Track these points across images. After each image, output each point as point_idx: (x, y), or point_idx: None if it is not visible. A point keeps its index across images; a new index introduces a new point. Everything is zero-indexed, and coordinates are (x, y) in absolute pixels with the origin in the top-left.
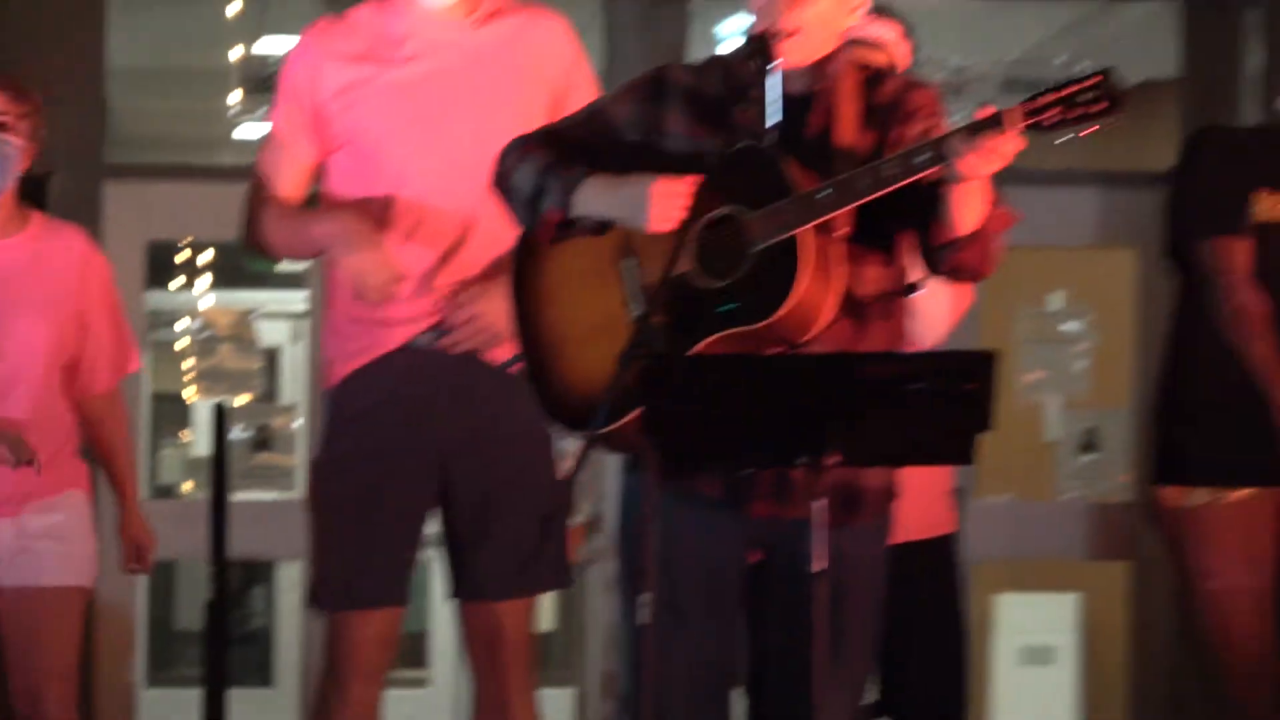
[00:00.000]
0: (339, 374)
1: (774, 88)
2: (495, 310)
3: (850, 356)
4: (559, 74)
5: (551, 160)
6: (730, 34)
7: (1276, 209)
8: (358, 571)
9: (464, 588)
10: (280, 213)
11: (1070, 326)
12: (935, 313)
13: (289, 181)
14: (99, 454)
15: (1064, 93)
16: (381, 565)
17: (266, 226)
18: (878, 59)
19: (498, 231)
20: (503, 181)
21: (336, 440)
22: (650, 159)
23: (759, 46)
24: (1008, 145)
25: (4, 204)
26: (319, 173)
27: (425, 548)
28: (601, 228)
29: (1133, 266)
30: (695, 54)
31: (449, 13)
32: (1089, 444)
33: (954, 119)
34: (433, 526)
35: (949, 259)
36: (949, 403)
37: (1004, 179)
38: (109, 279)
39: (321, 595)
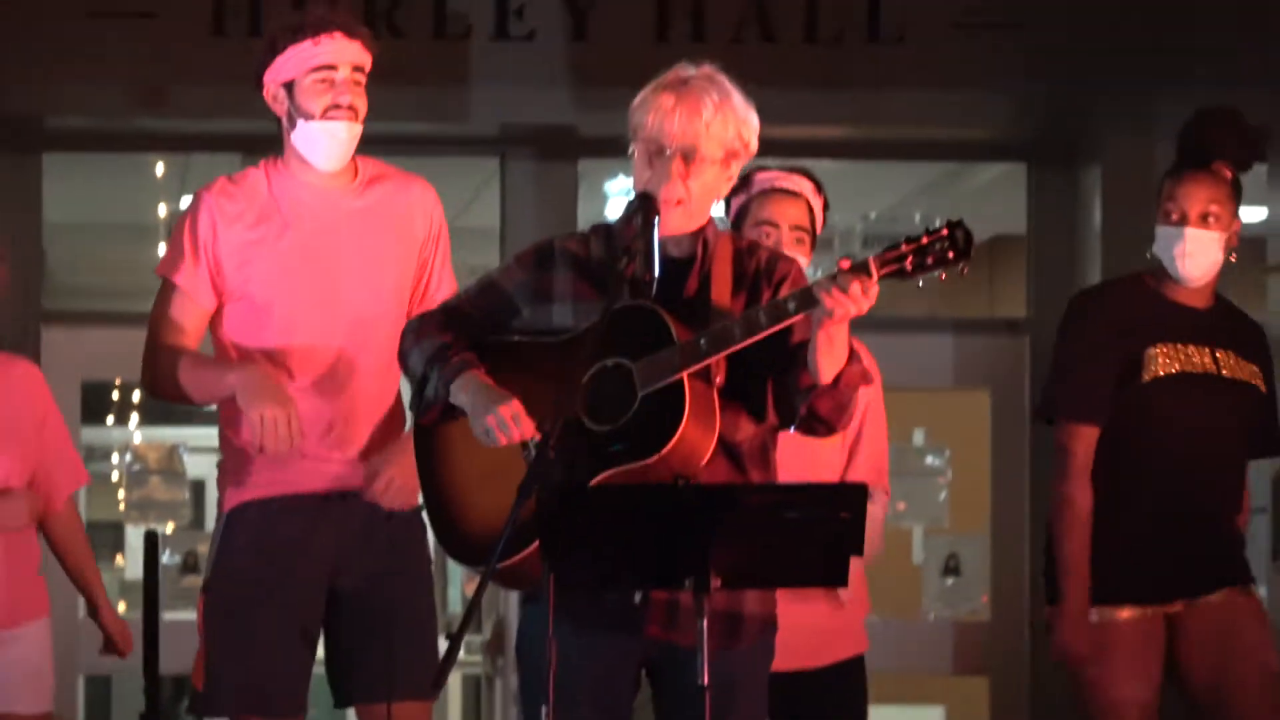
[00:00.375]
0: (237, 499)
1: (655, 241)
2: (407, 469)
3: (734, 487)
4: (427, 236)
5: (439, 347)
6: (618, 192)
7: (1172, 363)
8: (247, 682)
9: (358, 691)
10: (193, 362)
11: (932, 461)
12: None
13: (191, 330)
14: (67, 567)
15: (919, 243)
16: (271, 678)
17: (180, 375)
18: (796, 206)
19: (385, 383)
20: (403, 360)
21: (228, 561)
22: (538, 332)
23: (643, 203)
24: (871, 290)
25: None
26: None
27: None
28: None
29: (986, 406)
30: (585, 209)
31: (334, 179)
32: (951, 568)
33: (821, 269)
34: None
35: (807, 405)
36: (825, 530)
37: (871, 327)
38: (54, 404)
39: (203, 703)
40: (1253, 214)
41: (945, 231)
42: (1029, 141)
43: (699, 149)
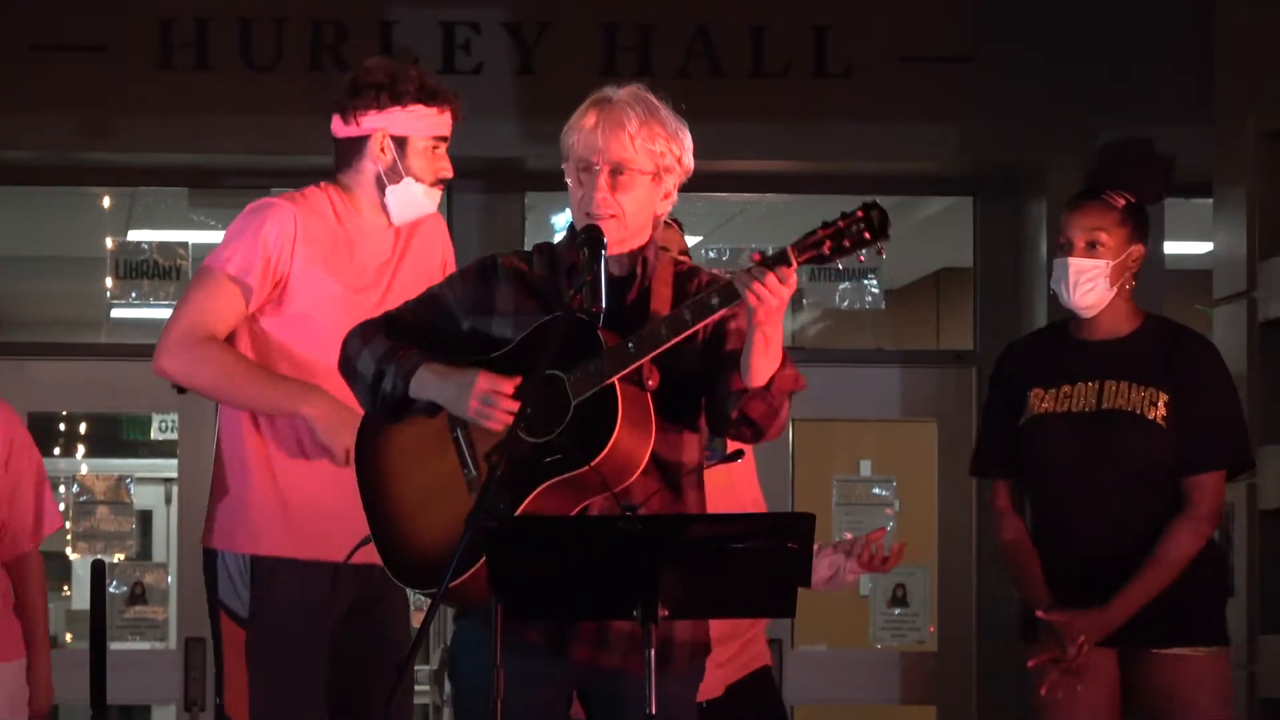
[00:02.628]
0: (268, 550)
1: (602, 274)
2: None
3: (681, 517)
4: (446, 255)
5: (390, 346)
6: (565, 224)
7: (1043, 403)
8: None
9: None
10: (257, 372)
11: (879, 491)
12: None
13: (231, 328)
14: (21, 610)
15: (836, 227)
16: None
17: (238, 378)
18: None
19: None
20: (347, 365)
21: (271, 613)
22: (479, 339)
23: (590, 235)
24: (790, 279)
25: None
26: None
27: None
28: (434, 408)
29: (933, 437)
30: (532, 242)
31: (388, 228)
32: (898, 598)
33: None
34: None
35: (739, 406)
36: (772, 560)
37: (820, 360)
38: (34, 449)
39: None
40: (1198, 248)
41: (860, 214)
42: (975, 175)
43: (625, 162)
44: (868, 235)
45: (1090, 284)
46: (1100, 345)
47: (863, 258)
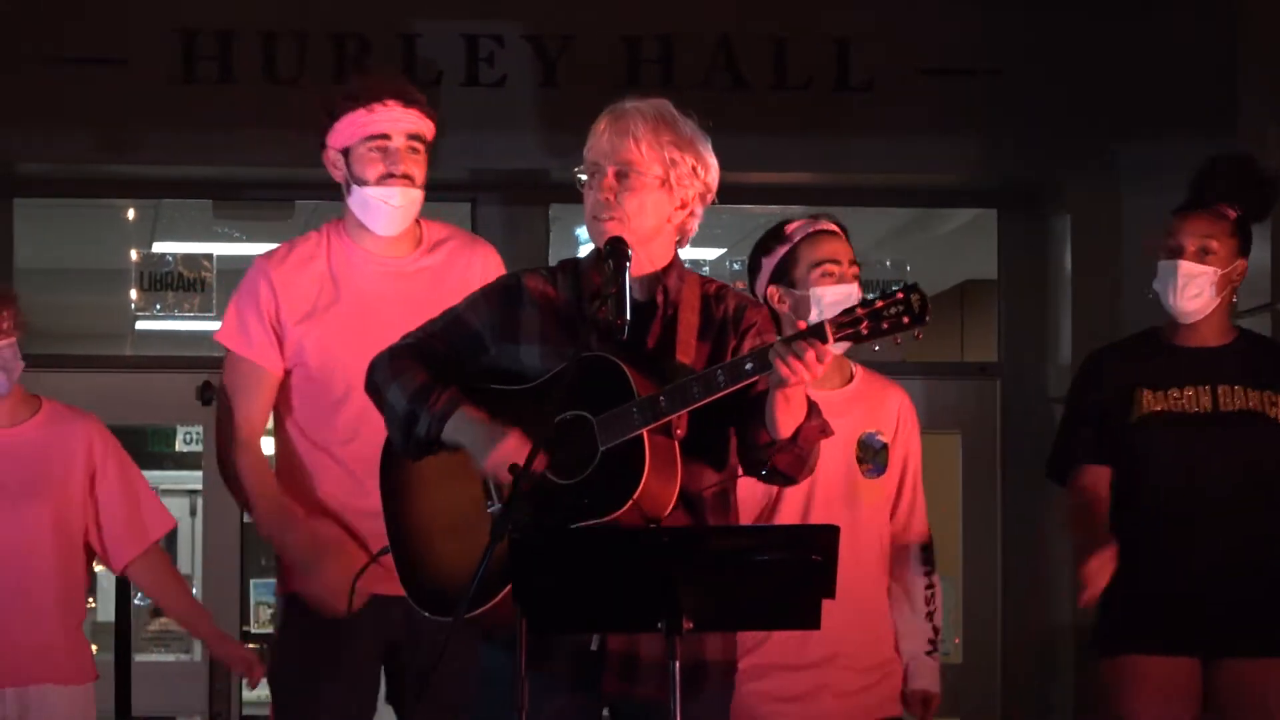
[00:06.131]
0: (292, 586)
1: (627, 285)
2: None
3: (706, 529)
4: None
5: (421, 384)
6: (589, 237)
7: (1155, 404)
8: None
9: None
10: (270, 502)
11: None
12: None
13: (265, 394)
14: (165, 612)
15: (874, 308)
16: None
17: (250, 492)
18: (846, 244)
19: None
20: (376, 394)
21: (285, 644)
22: (507, 368)
23: (614, 247)
24: (825, 354)
25: (13, 393)
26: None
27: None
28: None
29: (957, 449)
30: (556, 254)
31: (393, 245)
32: None
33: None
34: None
35: (766, 459)
36: (796, 572)
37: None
38: (121, 457)
39: None
40: None
41: (900, 295)
42: (998, 188)
43: (631, 164)
44: (906, 320)
45: (1198, 289)
46: (1203, 351)
47: (898, 340)
